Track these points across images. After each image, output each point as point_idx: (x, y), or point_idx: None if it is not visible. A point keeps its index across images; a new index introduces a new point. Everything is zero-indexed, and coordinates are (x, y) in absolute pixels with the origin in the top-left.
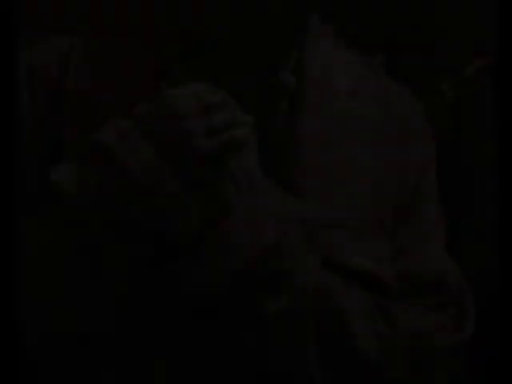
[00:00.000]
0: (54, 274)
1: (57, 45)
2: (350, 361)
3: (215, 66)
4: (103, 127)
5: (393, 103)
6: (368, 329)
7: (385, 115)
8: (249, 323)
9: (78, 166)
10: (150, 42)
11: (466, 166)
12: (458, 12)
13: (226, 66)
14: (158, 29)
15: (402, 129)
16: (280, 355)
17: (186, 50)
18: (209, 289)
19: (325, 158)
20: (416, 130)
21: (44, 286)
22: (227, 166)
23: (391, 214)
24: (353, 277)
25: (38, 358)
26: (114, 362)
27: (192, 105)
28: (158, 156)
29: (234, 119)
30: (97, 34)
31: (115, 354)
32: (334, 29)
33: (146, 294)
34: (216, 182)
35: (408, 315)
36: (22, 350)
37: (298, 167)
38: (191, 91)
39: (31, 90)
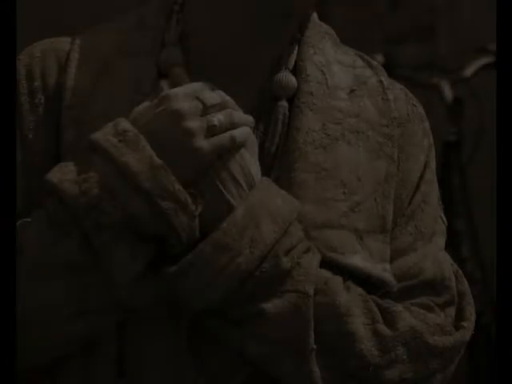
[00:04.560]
0: (53, 272)
1: (57, 45)
2: (350, 361)
3: (215, 65)
4: (103, 127)
5: (392, 103)
6: (368, 329)
7: (385, 115)
8: (249, 323)
9: (77, 166)
10: (151, 41)
11: (466, 165)
12: (458, 12)
13: (226, 65)
14: (159, 28)
15: (402, 128)
16: (280, 355)
17: (187, 49)
18: (208, 288)
19: (325, 158)
20: (416, 130)
21: (44, 285)
22: (227, 165)
23: (391, 214)
24: (353, 277)
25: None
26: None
27: (192, 105)
28: (158, 156)
29: (234, 119)
30: (96, 33)
31: (115, 353)
32: (334, 28)
33: (145, 293)
34: (216, 181)
35: (408, 315)
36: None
37: (298, 167)
38: (191, 91)
39: (31, 90)
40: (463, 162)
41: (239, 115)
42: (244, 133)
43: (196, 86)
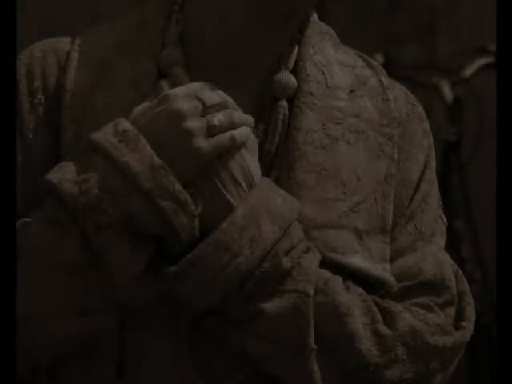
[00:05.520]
0: (53, 272)
1: (57, 45)
2: (349, 361)
3: (215, 65)
4: (103, 127)
5: (392, 103)
6: (368, 329)
7: (385, 115)
8: (249, 323)
9: (77, 166)
10: (151, 41)
11: (466, 165)
12: (458, 12)
13: (226, 66)
14: (159, 28)
15: (402, 128)
16: (280, 355)
17: (187, 49)
18: (208, 288)
19: (325, 158)
20: (416, 130)
21: (44, 285)
22: (227, 165)
23: (391, 214)
24: (352, 277)
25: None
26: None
27: (192, 105)
28: (158, 156)
29: (234, 119)
30: (96, 33)
31: (116, 351)
32: (334, 28)
33: (144, 292)
34: (215, 181)
35: (408, 315)
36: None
37: (298, 167)
38: (191, 91)
39: (31, 90)
40: (463, 162)
41: (239, 115)
42: (244, 133)
43: (196, 85)
